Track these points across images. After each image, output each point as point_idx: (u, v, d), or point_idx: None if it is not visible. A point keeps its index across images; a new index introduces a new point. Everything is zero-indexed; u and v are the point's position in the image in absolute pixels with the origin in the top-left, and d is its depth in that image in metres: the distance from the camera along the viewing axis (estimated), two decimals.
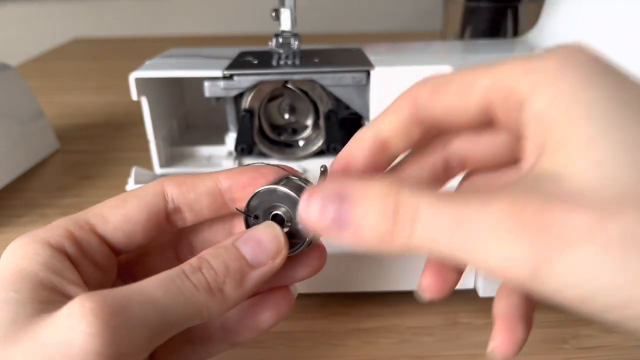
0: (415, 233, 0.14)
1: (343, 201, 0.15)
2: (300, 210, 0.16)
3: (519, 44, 0.43)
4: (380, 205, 0.14)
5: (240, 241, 0.19)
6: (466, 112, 0.17)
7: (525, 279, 0.13)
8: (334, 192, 0.15)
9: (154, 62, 0.38)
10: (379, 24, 1.19)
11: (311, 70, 0.35)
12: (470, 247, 0.13)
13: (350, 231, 0.15)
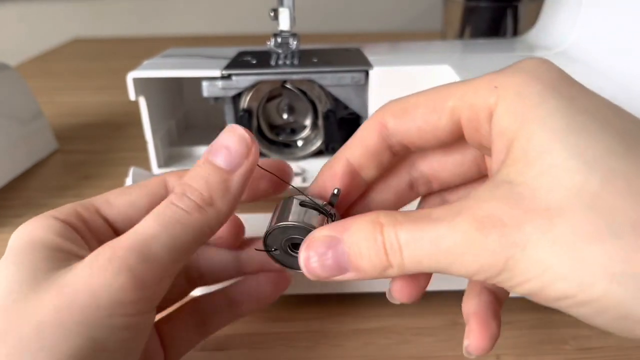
0: (404, 260, 0.16)
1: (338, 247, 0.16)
2: (302, 267, 0.17)
3: (518, 43, 0.43)
4: (371, 245, 0.16)
5: (211, 154, 0.19)
6: (436, 133, 0.18)
7: (498, 279, 0.15)
8: (327, 238, 0.17)
9: (152, 62, 0.38)
10: (378, 23, 1.19)
11: (310, 70, 0.35)
12: (449, 261, 0.15)
13: (352, 272, 0.17)
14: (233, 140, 0.19)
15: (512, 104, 0.16)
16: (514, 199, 0.14)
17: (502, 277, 0.15)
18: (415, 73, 0.35)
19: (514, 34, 0.56)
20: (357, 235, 0.16)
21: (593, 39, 0.34)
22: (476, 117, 0.17)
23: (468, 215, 0.15)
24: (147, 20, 1.19)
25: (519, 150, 0.15)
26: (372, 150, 0.19)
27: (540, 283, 0.14)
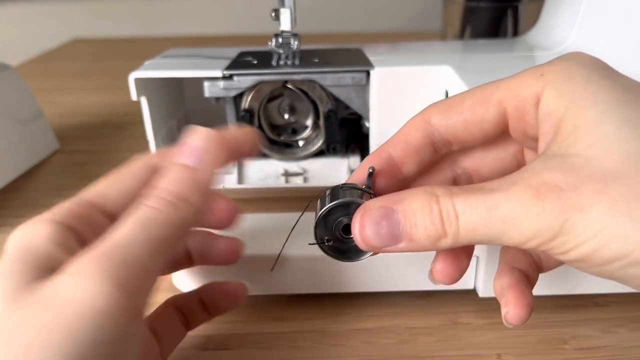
0: (459, 229, 0.16)
1: (393, 217, 0.17)
2: (356, 235, 0.17)
3: (518, 43, 0.43)
4: (426, 214, 0.16)
5: (178, 155, 0.20)
6: (483, 126, 0.19)
7: (552, 244, 0.15)
8: (382, 209, 0.17)
9: (153, 62, 0.38)
10: (378, 24, 1.19)
11: (311, 71, 0.35)
12: (504, 228, 0.15)
13: (405, 242, 0.17)
14: (196, 138, 0.20)
15: (561, 85, 0.16)
16: (568, 168, 0.15)
17: (556, 241, 0.15)
18: (416, 73, 0.35)
19: (514, 34, 0.56)
20: (413, 204, 0.16)
21: (593, 39, 0.34)
22: (523, 105, 0.18)
23: (524, 183, 0.15)
24: (148, 20, 1.19)
25: (569, 125, 0.16)
26: (415, 146, 0.20)
27: (595, 244, 0.14)
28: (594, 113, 0.15)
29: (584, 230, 0.15)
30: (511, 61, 0.37)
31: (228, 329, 0.28)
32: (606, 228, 0.14)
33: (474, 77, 0.32)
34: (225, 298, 0.26)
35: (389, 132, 0.36)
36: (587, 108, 0.16)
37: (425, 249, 0.17)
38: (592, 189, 0.14)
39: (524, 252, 0.21)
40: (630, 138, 0.15)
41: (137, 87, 0.34)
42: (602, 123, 0.15)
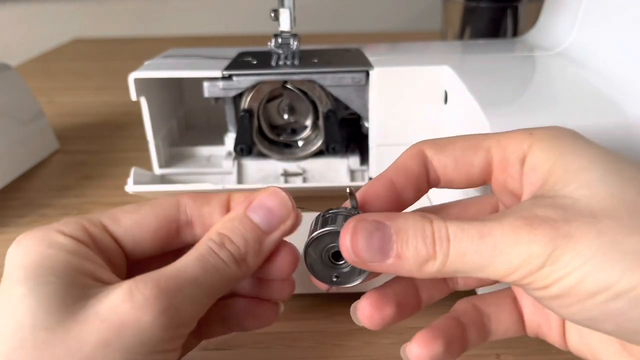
0: (450, 252, 0.16)
1: (385, 231, 0.17)
2: (345, 244, 0.17)
3: (518, 44, 0.43)
4: (419, 233, 0.16)
5: (252, 211, 0.20)
6: (470, 169, 0.20)
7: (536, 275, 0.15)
8: (375, 222, 0.17)
9: (153, 63, 0.38)
10: (378, 24, 1.19)
11: (310, 71, 0.35)
12: (493, 256, 0.16)
13: (393, 259, 0.17)
14: (276, 203, 0.20)
15: (549, 142, 0.18)
16: (558, 205, 0.16)
17: (541, 272, 0.15)
18: (415, 73, 0.35)
19: (514, 34, 0.56)
20: (406, 223, 0.17)
21: (592, 40, 0.34)
22: (508, 157, 0.19)
23: (516, 215, 0.16)
24: (147, 20, 1.19)
25: (557, 174, 0.17)
26: (415, 174, 0.20)
27: (580, 275, 0.15)
28: (580, 164, 0.17)
29: (571, 260, 0.15)
30: (511, 61, 0.37)
31: None
32: (593, 258, 0.15)
33: (474, 77, 0.32)
34: (251, 319, 0.23)
35: (389, 132, 0.36)
36: (574, 160, 0.17)
37: (410, 271, 0.17)
38: (582, 221, 0.15)
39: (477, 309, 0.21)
40: (615, 184, 0.16)
41: (137, 87, 0.34)
42: (589, 171, 0.16)
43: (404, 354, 0.20)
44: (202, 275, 0.18)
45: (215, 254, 0.19)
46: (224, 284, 0.19)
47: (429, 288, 0.22)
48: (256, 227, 0.20)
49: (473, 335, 0.21)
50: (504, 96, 0.30)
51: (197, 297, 0.18)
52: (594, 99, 0.29)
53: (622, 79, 0.30)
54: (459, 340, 0.20)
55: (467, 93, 0.30)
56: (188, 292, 0.17)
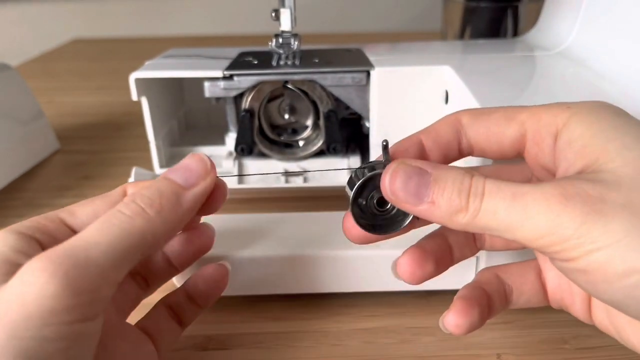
0: (481, 207, 0.16)
1: (425, 177, 0.17)
2: (385, 182, 0.18)
3: (518, 43, 0.43)
4: (457, 185, 0.17)
5: (170, 171, 0.21)
6: (502, 140, 0.19)
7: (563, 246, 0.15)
8: (417, 168, 0.17)
9: (154, 63, 0.38)
10: (378, 24, 1.19)
11: (311, 71, 0.35)
12: (522, 219, 0.16)
13: (426, 205, 0.17)
14: (193, 161, 0.21)
15: (587, 117, 0.17)
16: (598, 181, 0.15)
17: (568, 243, 0.15)
18: (416, 73, 0.35)
19: (514, 34, 0.56)
20: (448, 173, 0.17)
21: (593, 40, 0.34)
22: (543, 130, 0.18)
23: (553, 184, 0.16)
24: (148, 20, 1.19)
25: (596, 151, 0.16)
26: (444, 140, 0.20)
27: (608, 255, 0.14)
28: (623, 141, 0.16)
29: (600, 236, 0.15)
30: (511, 61, 0.37)
31: (228, 329, 0.28)
32: (624, 239, 0.14)
33: (474, 77, 0.32)
34: (207, 283, 0.25)
35: (389, 132, 0.36)
36: (616, 137, 0.16)
37: (442, 219, 0.17)
38: (618, 201, 0.15)
39: (499, 279, 0.22)
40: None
41: (138, 87, 0.34)
42: (632, 149, 0.16)
43: (442, 325, 0.21)
44: (100, 236, 0.17)
45: (118, 211, 0.18)
46: (134, 239, 0.18)
47: (460, 246, 0.23)
48: (173, 182, 0.20)
49: (497, 303, 0.21)
50: (504, 96, 0.30)
51: (98, 260, 0.17)
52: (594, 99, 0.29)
53: (622, 79, 0.30)
54: (487, 307, 0.21)
55: (468, 93, 0.30)
56: (83, 256, 0.17)
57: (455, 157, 0.21)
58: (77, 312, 0.16)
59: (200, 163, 0.21)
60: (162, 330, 0.24)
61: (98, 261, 0.17)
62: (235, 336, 0.28)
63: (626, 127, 0.17)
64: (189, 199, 0.20)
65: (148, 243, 0.18)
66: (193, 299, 0.25)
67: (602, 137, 0.17)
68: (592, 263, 0.15)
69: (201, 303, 0.25)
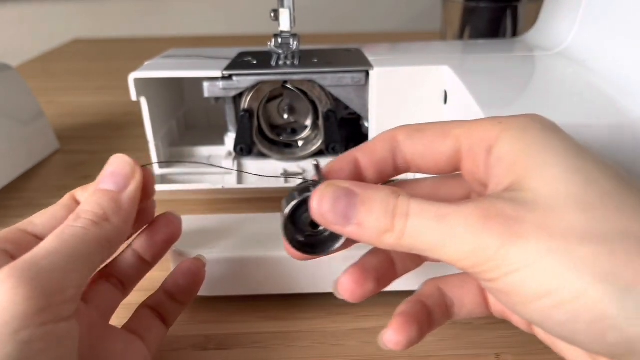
0: (406, 227, 0.17)
1: (352, 199, 0.17)
2: (313, 205, 0.18)
3: (518, 44, 0.43)
4: (383, 206, 0.17)
5: (99, 183, 0.22)
6: (438, 157, 0.20)
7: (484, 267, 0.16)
8: (344, 189, 0.18)
9: (153, 63, 0.38)
10: (378, 24, 1.19)
11: (310, 71, 0.35)
12: (445, 240, 0.16)
13: (354, 226, 0.17)
14: (117, 165, 0.22)
15: (516, 133, 0.18)
16: (518, 201, 0.16)
17: (488, 265, 0.16)
18: (415, 73, 0.35)
19: (514, 34, 0.56)
20: (375, 194, 0.17)
21: (592, 40, 0.34)
22: (476, 146, 0.19)
23: (475, 204, 0.16)
24: (147, 20, 1.19)
25: (521, 168, 0.17)
26: (379, 157, 0.20)
27: (524, 276, 0.15)
28: (545, 158, 0.16)
29: (517, 258, 0.15)
30: (510, 61, 0.37)
31: (228, 329, 0.28)
32: (539, 261, 0.15)
33: (473, 77, 0.32)
34: (186, 277, 0.26)
35: None
36: (539, 153, 0.17)
37: (370, 240, 0.18)
38: (535, 222, 0.15)
39: (440, 292, 0.22)
40: (578, 184, 0.16)
41: (137, 87, 0.34)
42: (553, 167, 0.16)
43: (382, 342, 0.21)
44: (60, 245, 0.19)
45: (71, 227, 0.20)
46: (92, 246, 0.19)
47: (403, 259, 0.23)
48: (107, 191, 0.21)
49: (438, 316, 0.22)
50: (503, 96, 0.30)
51: (59, 265, 0.18)
52: (593, 99, 0.29)
53: (621, 79, 0.30)
54: (427, 322, 0.21)
55: (467, 93, 0.30)
56: (45, 262, 0.18)
57: (391, 174, 0.21)
58: (48, 314, 0.17)
59: (124, 164, 0.22)
60: (147, 330, 0.24)
61: (60, 265, 0.18)
62: (235, 336, 0.28)
63: (551, 143, 0.17)
64: (126, 201, 0.21)
65: (105, 247, 0.20)
66: (174, 297, 0.26)
67: (527, 154, 0.17)
68: (510, 284, 0.15)
69: (182, 300, 0.26)
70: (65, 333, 0.18)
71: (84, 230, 0.20)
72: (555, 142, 0.17)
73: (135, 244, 0.25)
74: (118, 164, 0.22)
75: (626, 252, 0.14)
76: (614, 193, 0.15)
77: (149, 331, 0.24)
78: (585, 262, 0.14)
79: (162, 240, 0.25)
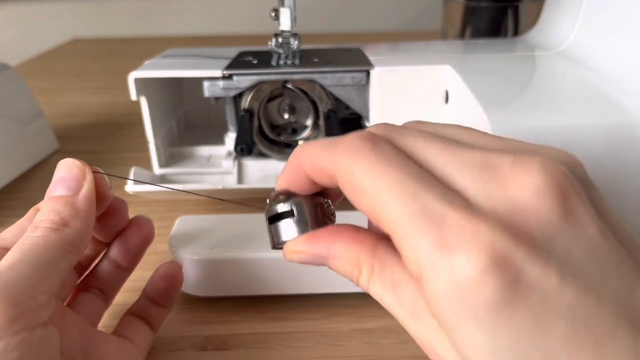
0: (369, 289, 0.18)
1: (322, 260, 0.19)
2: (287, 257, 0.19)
3: (519, 43, 0.43)
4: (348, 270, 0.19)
5: (50, 192, 0.22)
6: None
7: None
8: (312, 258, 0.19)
9: (153, 62, 0.38)
10: (378, 23, 1.19)
11: (311, 70, 0.35)
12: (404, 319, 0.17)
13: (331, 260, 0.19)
14: (65, 171, 0.22)
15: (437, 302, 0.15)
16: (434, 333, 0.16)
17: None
18: (416, 73, 0.35)
19: (515, 34, 0.56)
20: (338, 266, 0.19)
21: (593, 39, 0.34)
22: None
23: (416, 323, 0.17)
24: (147, 20, 1.19)
25: None
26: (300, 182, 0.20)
27: None
28: None
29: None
30: (512, 61, 0.37)
31: (228, 329, 0.28)
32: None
33: (475, 76, 0.32)
34: (164, 281, 0.26)
35: None
36: None
37: None
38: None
39: None
40: None
41: (137, 87, 0.34)
42: None
43: None
44: (21, 255, 0.19)
45: (30, 237, 0.20)
46: (56, 252, 0.20)
47: None
48: (60, 197, 0.21)
49: None
50: (505, 96, 0.30)
51: (25, 274, 0.18)
52: (594, 99, 0.29)
53: (622, 79, 0.30)
54: None
55: (468, 92, 0.30)
56: (11, 274, 0.18)
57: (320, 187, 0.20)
58: (21, 322, 0.17)
59: (72, 167, 0.22)
60: (135, 335, 0.25)
61: (26, 274, 0.18)
62: (235, 336, 0.27)
63: None
64: (82, 202, 0.21)
65: (70, 250, 0.20)
66: (155, 301, 0.26)
67: None
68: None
69: (163, 303, 0.26)
70: (42, 339, 0.18)
71: (44, 238, 0.20)
72: None
73: (111, 252, 0.25)
74: (66, 168, 0.22)
75: None
76: None
77: (137, 336, 0.25)
78: None
79: (136, 244, 0.26)
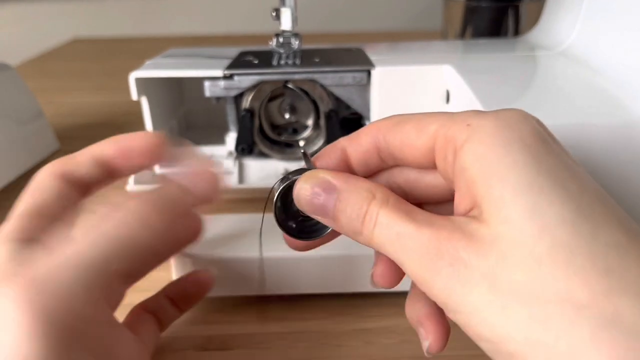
0: (373, 236, 0.17)
1: (330, 194, 0.18)
2: (296, 190, 0.19)
3: (520, 43, 0.43)
4: (355, 208, 0.18)
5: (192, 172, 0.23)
6: (416, 150, 0.19)
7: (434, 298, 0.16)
8: (325, 182, 0.18)
9: (154, 62, 0.38)
10: (379, 23, 1.19)
11: (312, 70, 0.35)
12: (403, 259, 0.17)
13: (330, 219, 0.18)
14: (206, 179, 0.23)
15: (478, 149, 0.16)
16: (474, 238, 0.16)
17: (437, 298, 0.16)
18: (417, 73, 0.35)
19: (515, 33, 0.56)
20: (351, 195, 0.18)
21: (594, 39, 0.34)
22: (445, 147, 0.18)
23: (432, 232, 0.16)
24: (147, 20, 1.19)
25: (480, 194, 0.16)
26: (363, 148, 0.20)
27: (468, 319, 0.15)
28: (501, 193, 0.15)
29: (461, 303, 0.15)
30: (512, 61, 0.37)
31: (228, 330, 0.28)
32: (479, 311, 0.15)
33: (476, 76, 0.32)
34: (193, 287, 0.26)
35: None
36: (494, 187, 0.16)
37: (347, 234, 0.18)
38: (482, 270, 0.15)
39: None
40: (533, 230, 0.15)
41: (138, 86, 0.34)
42: (512, 203, 0.15)
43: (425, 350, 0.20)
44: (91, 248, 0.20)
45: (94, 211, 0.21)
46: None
47: None
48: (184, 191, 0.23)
49: None
50: (505, 95, 0.30)
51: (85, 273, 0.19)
52: (595, 98, 0.29)
53: (623, 78, 0.30)
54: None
55: (469, 92, 0.30)
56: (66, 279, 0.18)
57: (377, 165, 0.20)
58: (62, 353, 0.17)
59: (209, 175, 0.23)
60: (145, 332, 0.24)
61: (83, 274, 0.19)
62: (236, 336, 0.27)
63: (512, 170, 0.15)
64: None
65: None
66: (174, 303, 0.26)
67: (487, 176, 0.16)
68: (458, 320, 0.16)
69: (182, 306, 0.26)
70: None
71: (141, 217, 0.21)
72: (516, 169, 0.15)
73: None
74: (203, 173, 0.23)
75: (561, 319, 0.14)
76: (566, 245, 0.14)
77: (146, 333, 0.24)
78: (519, 325, 0.14)
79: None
